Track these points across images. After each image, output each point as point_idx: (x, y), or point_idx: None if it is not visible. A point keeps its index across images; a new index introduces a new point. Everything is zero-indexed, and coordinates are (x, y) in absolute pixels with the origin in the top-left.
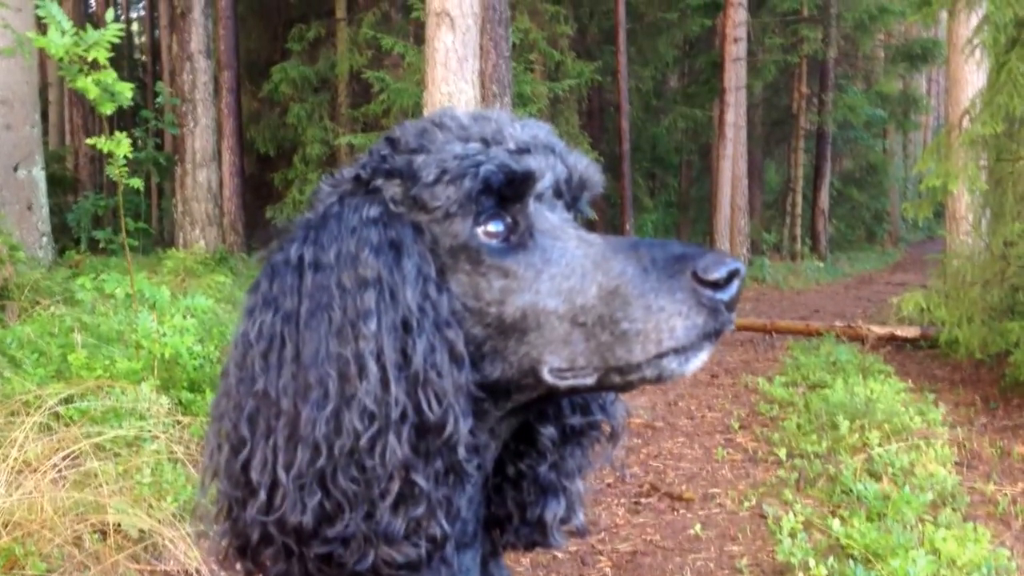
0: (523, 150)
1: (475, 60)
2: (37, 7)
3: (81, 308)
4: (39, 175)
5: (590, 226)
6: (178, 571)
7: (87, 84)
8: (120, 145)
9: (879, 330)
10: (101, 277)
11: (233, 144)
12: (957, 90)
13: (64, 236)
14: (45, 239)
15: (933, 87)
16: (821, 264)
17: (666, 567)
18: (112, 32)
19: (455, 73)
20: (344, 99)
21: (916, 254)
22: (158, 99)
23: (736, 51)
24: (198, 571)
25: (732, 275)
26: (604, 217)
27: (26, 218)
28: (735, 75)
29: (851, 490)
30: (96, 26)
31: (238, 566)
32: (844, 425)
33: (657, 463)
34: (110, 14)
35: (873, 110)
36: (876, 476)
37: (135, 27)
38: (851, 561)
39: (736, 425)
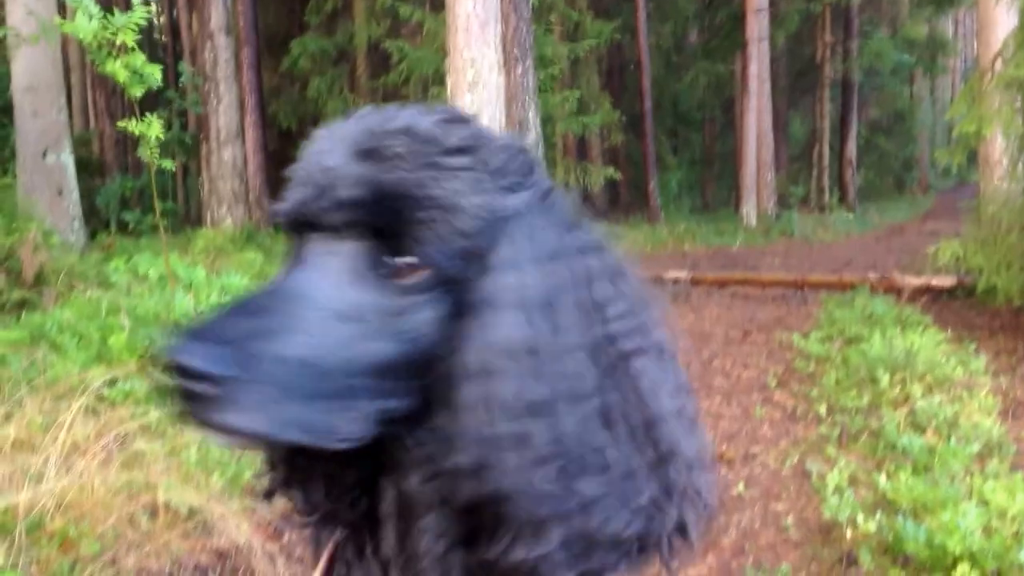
0: (307, 175)
1: (496, 24)
2: None
3: (117, 290)
4: (68, 160)
5: (613, 186)
6: (228, 546)
7: (116, 68)
8: (151, 127)
9: (914, 280)
10: (134, 259)
11: (256, 120)
12: (988, 32)
13: (93, 219)
14: (76, 223)
15: (960, 29)
16: (851, 215)
17: (710, 526)
18: (139, 14)
19: (477, 38)
20: (363, 70)
21: (948, 201)
22: (181, 79)
23: (758, 1)
24: (248, 545)
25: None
26: (628, 177)
27: (57, 203)
28: (758, 27)
29: (895, 444)
30: (118, 9)
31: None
32: (884, 378)
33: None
34: None
35: (900, 56)
36: (920, 429)
37: (153, 7)
38: (899, 516)
39: (773, 382)
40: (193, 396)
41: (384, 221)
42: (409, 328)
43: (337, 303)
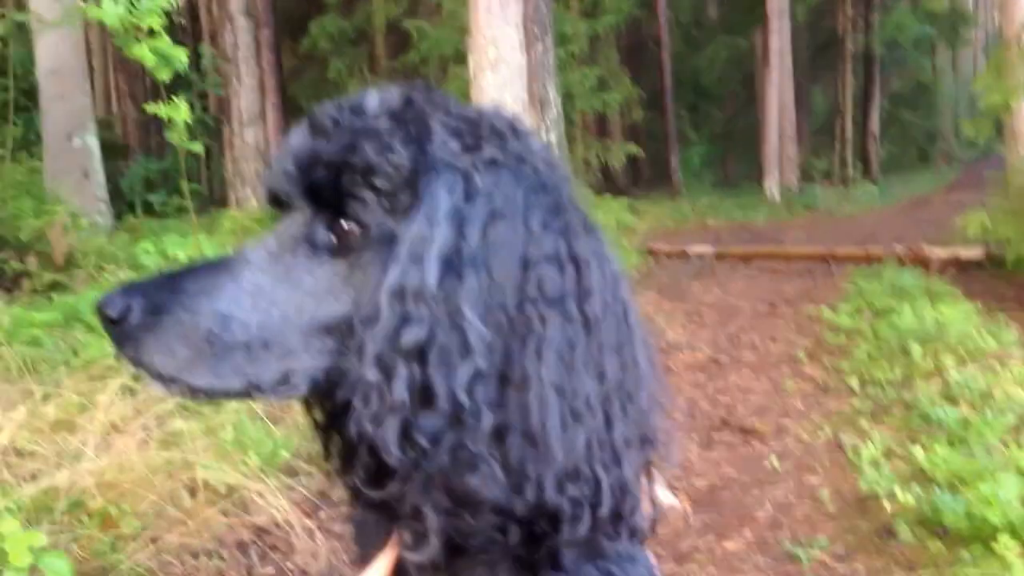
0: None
1: (517, 3)
2: None
3: (146, 272)
4: (93, 142)
5: (633, 162)
6: (268, 522)
7: (143, 52)
8: (179, 110)
9: (942, 252)
10: (163, 240)
11: (276, 101)
12: (1012, 2)
13: (117, 201)
14: (103, 205)
15: (981, 1)
16: (874, 188)
17: (745, 500)
18: None
19: (498, 17)
20: (382, 50)
21: (972, 172)
22: (202, 61)
23: None
24: (287, 521)
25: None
26: (649, 153)
27: (83, 186)
28: (778, 1)
29: (929, 416)
30: None
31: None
32: (916, 351)
33: (726, 397)
34: None
35: (921, 28)
36: (953, 401)
37: None
38: (937, 488)
39: (803, 356)
40: (111, 333)
41: (318, 187)
42: (346, 291)
43: (271, 269)
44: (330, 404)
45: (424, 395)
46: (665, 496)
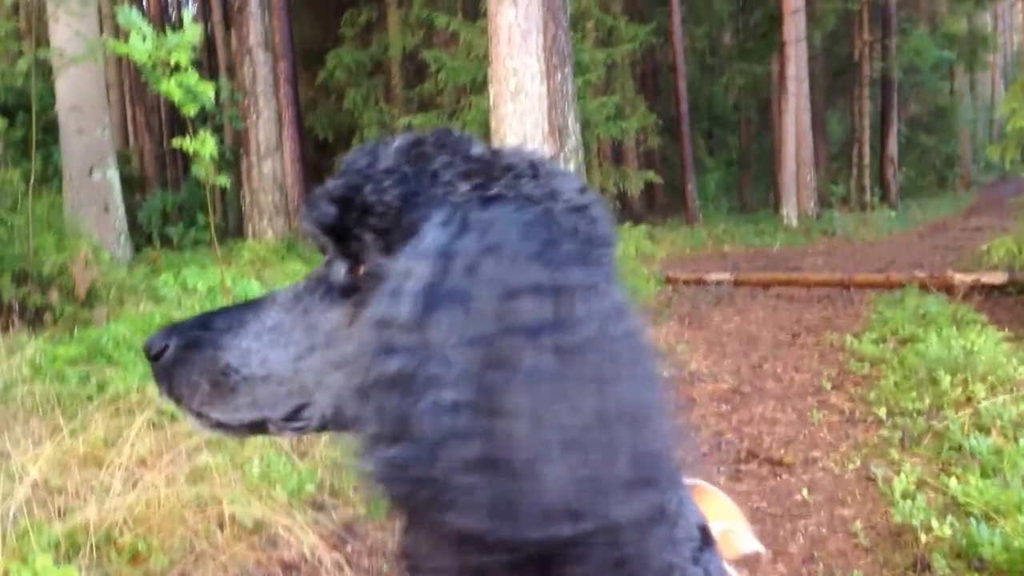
0: None
1: (538, 34)
2: (115, 15)
3: (168, 304)
4: (113, 176)
5: (649, 188)
6: (296, 558)
7: (171, 87)
8: (205, 144)
9: (965, 278)
10: (183, 272)
11: (293, 133)
12: None
13: (135, 234)
14: (122, 238)
15: (1000, 24)
16: (892, 213)
17: (777, 534)
18: (191, 33)
19: (519, 48)
20: (398, 80)
21: (990, 196)
22: (221, 94)
23: (795, 2)
24: (316, 556)
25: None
26: (664, 179)
27: (103, 219)
28: (795, 27)
29: (960, 446)
30: (153, 24)
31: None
32: (945, 380)
33: (751, 428)
34: (187, 15)
35: (940, 52)
36: (985, 430)
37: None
38: (972, 520)
39: (828, 385)
40: (151, 370)
41: (331, 228)
42: (352, 330)
43: (293, 308)
44: None
45: (401, 427)
46: (750, 542)
